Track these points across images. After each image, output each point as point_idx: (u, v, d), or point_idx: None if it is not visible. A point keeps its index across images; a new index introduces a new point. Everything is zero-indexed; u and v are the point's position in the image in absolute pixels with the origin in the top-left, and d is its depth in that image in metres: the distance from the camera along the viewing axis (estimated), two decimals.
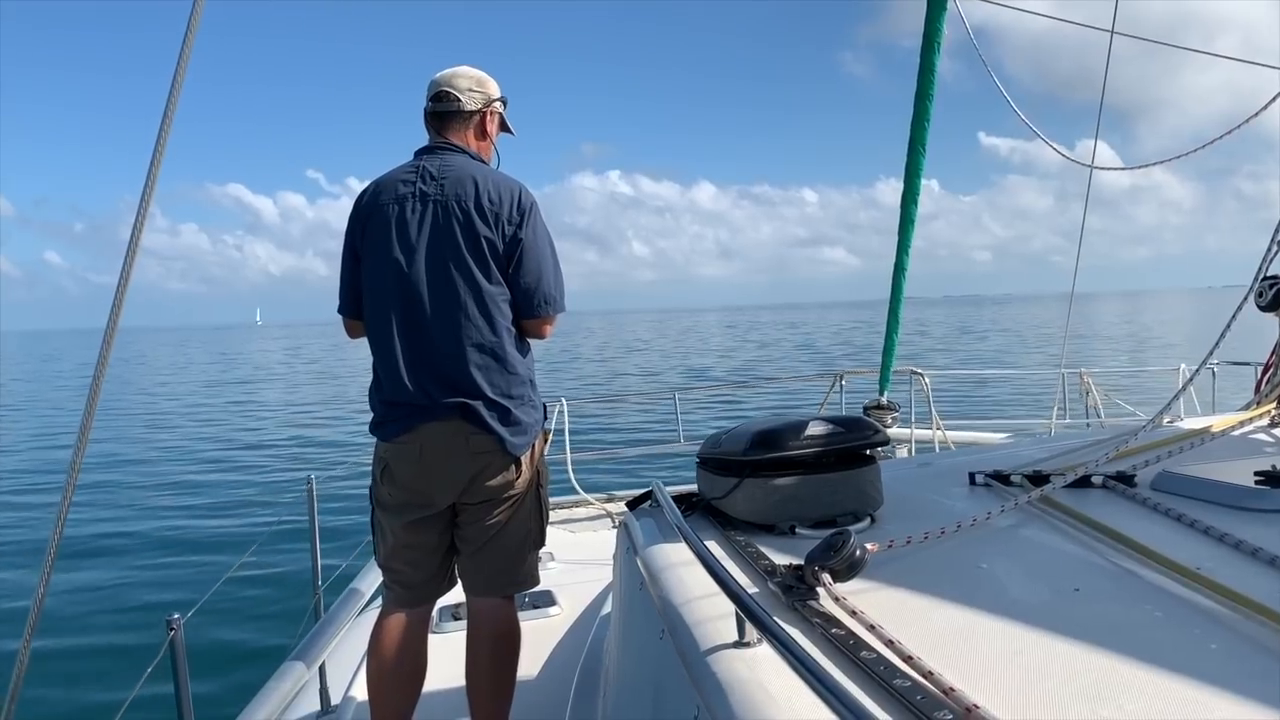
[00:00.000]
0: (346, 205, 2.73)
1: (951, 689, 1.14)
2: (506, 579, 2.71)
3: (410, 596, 2.72)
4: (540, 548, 2.78)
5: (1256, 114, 4.16)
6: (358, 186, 2.69)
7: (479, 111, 2.72)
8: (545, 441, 2.80)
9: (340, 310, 2.73)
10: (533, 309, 2.62)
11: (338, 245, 2.72)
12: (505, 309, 2.58)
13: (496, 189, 2.58)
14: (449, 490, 2.59)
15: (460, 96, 2.69)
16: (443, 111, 2.69)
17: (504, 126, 2.86)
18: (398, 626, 2.71)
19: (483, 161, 2.71)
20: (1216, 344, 2.83)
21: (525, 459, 2.64)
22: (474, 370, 2.53)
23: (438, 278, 2.54)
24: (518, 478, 2.63)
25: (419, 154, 2.67)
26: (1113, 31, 5.47)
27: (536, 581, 2.81)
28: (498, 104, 2.78)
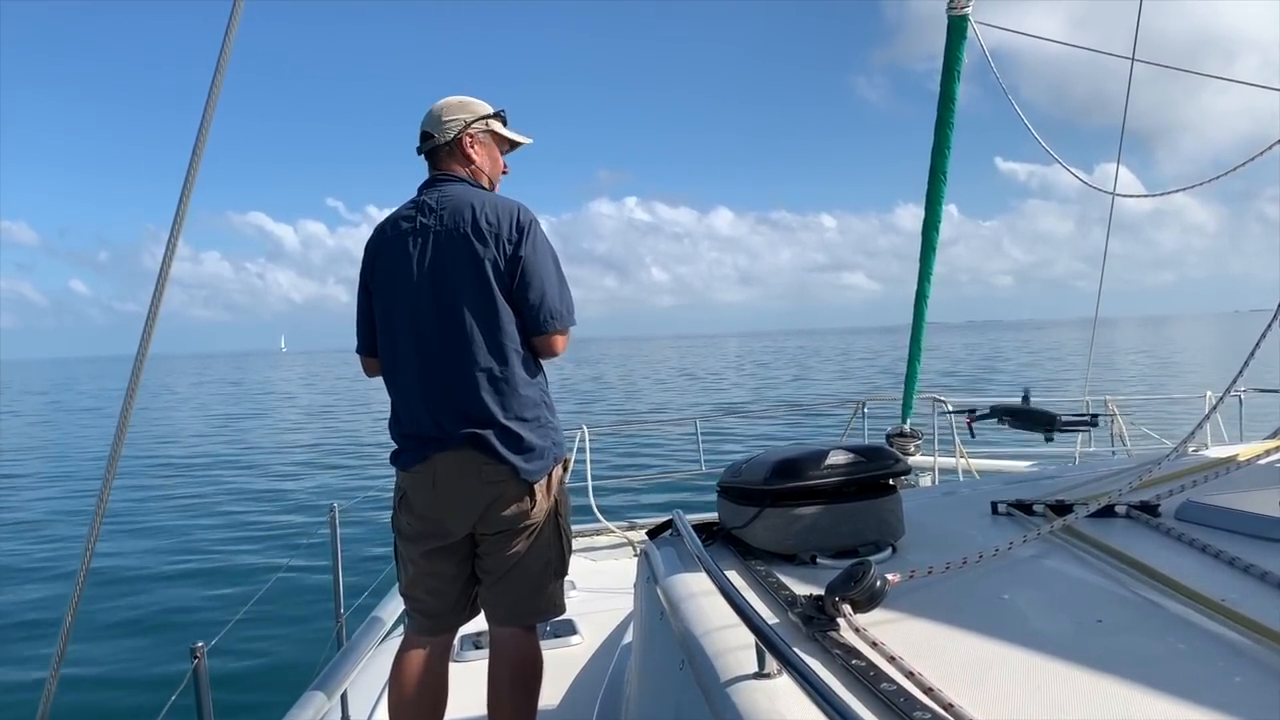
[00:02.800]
0: (366, 233, 2.77)
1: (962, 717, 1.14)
2: (527, 609, 2.69)
3: (431, 625, 2.73)
4: (562, 576, 2.75)
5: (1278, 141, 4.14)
6: (377, 215, 2.73)
7: (456, 138, 2.71)
8: (566, 469, 2.77)
9: (359, 349, 2.77)
10: (539, 325, 2.59)
11: (358, 273, 2.77)
12: (512, 331, 2.57)
13: (494, 211, 2.58)
14: (464, 519, 2.59)
15: (435, 132, 2.71)
16: (428, 150, 2.73)
17: (506, 140, 2.81)
18: (419, 655, 2.72)
19: (479, 186, 2.71)
20: (1240, 372, 2.81)
21: (541, 486, 2.62)
22: (483, 397, 2.54)
23: (443, 307, 2.57)
24: (534, 506, 2.60)
25: (421, 189, 2.71)
26: (1133, 58, 5.47)
27: (560, 611, 2.79)
28: (478, 124, 2.73)
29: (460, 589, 2.71)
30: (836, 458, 2.09)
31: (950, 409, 7.31)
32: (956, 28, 5.57)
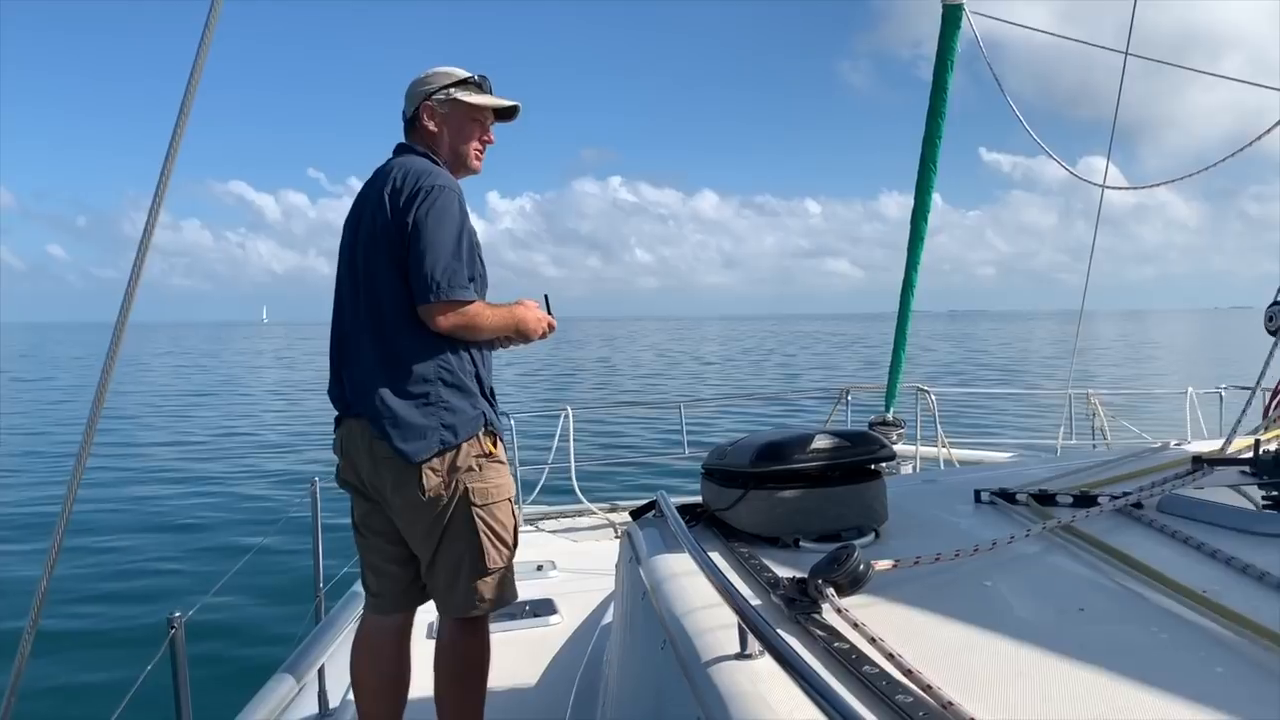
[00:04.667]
0: (348, 205, 2.76)
1: (950, 703, 1.14)
2: (451, 603, 2.57)
3: (377, 604, 2.69)
4: (485, 575, 2.54)
5: (1267, 131, 4.16)
6: (359, 187, 2.71)
7: (415, 112, 2.67)
8: (494, 456, 2.57)
9: None
10: (418, 294, 2.43)
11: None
12: (405, 300, 2.47)
13: (404, 176, 2.50)
14: (369, 488, 2.57)
15: (405, 105, 2.70)
16: (405, 126, 2.73)
17: (480, 108, 2.68)
18: (373, 632, 2.69)
19: (431, 158, 2.61)
20: (1264, 371, 2.83)
21: (435, 468, 2.46)
22: (369, 366, 2.50)
23: (350, 276, 2.58)
24: (425, 491, 2.45)
25: None
26: (1127, 52, 5.47)
27: (489, 608, 2.60)
28: (438, 95, 2.64)
29: (402, 571, 2.63)
30: (821, 442, 2.09)
31: (934, 398, 7.35)
32: (951, 17, 5.56)
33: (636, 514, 2.43)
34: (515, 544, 2.65)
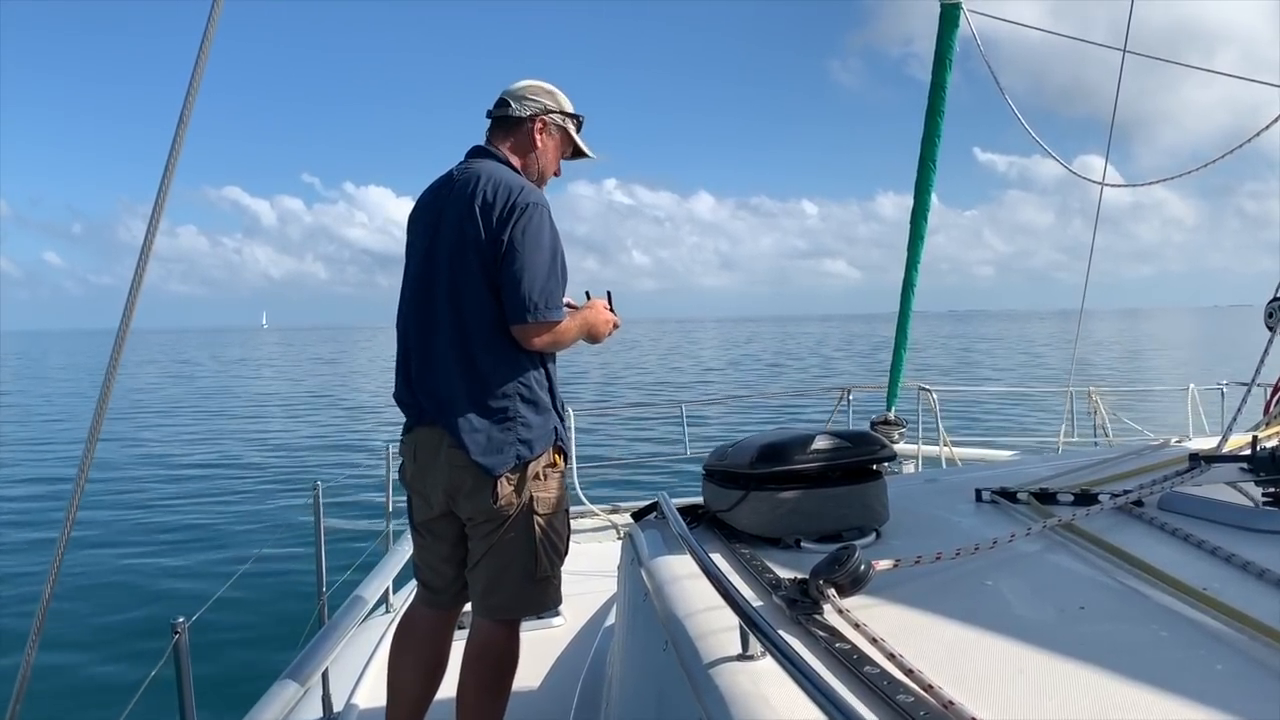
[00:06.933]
0: (343, 210, 2.79)
1: (951, 703, 1.14)
2: (489, 604, 2.61)
3: (430, 599, 2.73)
4: (537, 580, 2.60)
5: (1268, 126, 4.17)
6: (354, 192, 2.74)
7: (526, 119, 2.67)
8: (556, 465, 2.63)
9: None
10: (513, 314, 2.47)
11: (337, 250, 2.79)
12: (490, 315, 2.49)
13: (495, 188, 2.50)
14: (439, 495, 2.57)
15: (512, 103, 2.68)
16: (494, 116, 2.71)
17: (576, 149, 2.80)
18: (419, 622, 2.74)
19: (512, 167, 2.64)
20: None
21: (508, 481, 2.51)
22: (450, 378, 2.51)
23: (432, 281, 2.56)
24: (496, 500, 2.50)
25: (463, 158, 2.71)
26: (1125, 50, 5.48)
27: (529, 613, 2.68)
28: (555, 116, 2.70)
29: (456, 572, 2.67)
30: (822, 443, 2.09)
31: (935, 397, 7.35)
32: (949, 17, 5.57)
33: (638, 515, 2.44)
34: (566, 553, 2.69)
